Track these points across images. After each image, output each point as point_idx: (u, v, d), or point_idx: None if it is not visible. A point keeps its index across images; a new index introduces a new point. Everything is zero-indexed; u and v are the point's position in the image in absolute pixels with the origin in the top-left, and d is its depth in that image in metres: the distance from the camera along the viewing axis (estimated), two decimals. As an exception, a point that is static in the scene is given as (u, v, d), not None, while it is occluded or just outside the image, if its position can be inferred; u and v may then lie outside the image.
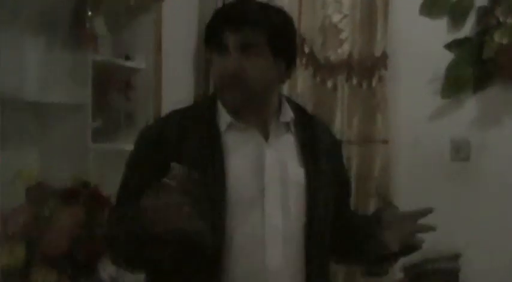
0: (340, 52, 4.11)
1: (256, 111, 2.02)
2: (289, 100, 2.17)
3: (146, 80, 3.70)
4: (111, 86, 3.58)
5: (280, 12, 2.05)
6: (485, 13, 3.86)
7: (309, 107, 4.05)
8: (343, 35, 4.11)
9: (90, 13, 3.43)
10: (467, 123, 3.98)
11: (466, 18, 3.94)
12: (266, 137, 2.02)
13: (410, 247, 2.08)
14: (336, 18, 4.12)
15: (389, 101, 4.07)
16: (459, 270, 3.50)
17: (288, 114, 2.07)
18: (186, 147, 1.94)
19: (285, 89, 4.09)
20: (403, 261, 3.45)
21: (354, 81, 4.08)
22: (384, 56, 4.05)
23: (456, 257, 3.50)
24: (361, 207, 3.96)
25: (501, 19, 3.77)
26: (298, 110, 2.15)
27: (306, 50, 4.12)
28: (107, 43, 3.55)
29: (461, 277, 3.55)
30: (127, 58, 3.62)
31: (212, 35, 1.98)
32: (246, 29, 1.92)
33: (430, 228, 2.08)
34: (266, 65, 1.96)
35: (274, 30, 1.96)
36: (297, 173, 2.04)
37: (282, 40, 1.99)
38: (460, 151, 3.98)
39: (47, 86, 3.29)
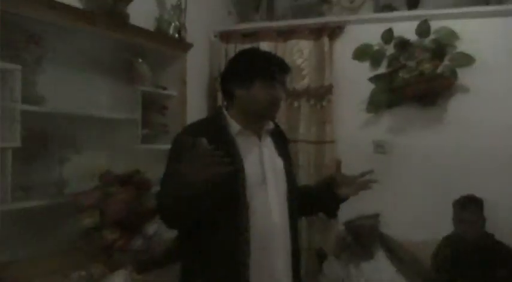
0: (302, 83, 4.19)
1: (257, 123, 2.17)
2: None
3: (176, 103, 3.77)
4: (153, 107, 3.65)
5: None
6: (393, 58, 3.96)
7: (283, 120, 4.19)
8: (304, 72, 4.19)
9: (140, 60, 3.52)
10: (384, 129, 4.08)
11: (381, 61, 4.03)
12: (259, 139, 2.17)
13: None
14: (299, 61, 4.19)
15: (334, 115, 4.14)
16: (379, 224, 3.58)
17: (270, 124, 2.24)
18: (213, 148, 1.93)
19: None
20: (344, 218, 3.62)
21: (311, 102, 4.16)
22: (330, 86, 4.12)
23: (377, 215, 3.59)
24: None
25: (404, 62, 3.86)
26: (273, 121, 2.30)
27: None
28: (150, 79, 3.62)
29: (380, 229, 3.63)
30: (164, 89, 3.69)
31: (274, 74, 2.11)
32: (287, 75, 2.17)
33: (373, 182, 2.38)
34: None
35: None
36: (279, 162, 2.20)
37: None
38: (380, 147, 4.06)
39: (112, 107, 3.39)
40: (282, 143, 2.30)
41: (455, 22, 3.86)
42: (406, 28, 3.93)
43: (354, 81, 4.10)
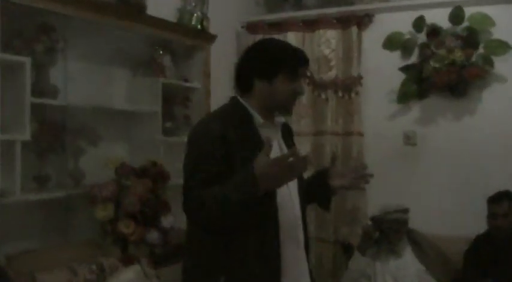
0: (330, 74, 4.08)
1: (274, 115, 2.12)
2: None
3: (199, 95, 3.73)
4: (176, 99, 3.62)
5: None
6: (424, 47, 3.80)
7: (310, 112, 4.10)
8: (331, 63, 4.08)
9: (161, 52, 3.49)
10: (414, 120, 3.94)
11: (412, 50, 3.89)
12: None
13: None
14: (326, 52, 4.08)
15: (362, 107, 4.03)
16: (408, 219, 3.44)
17: (281, 117, 2.15)
18: (239, 139, 1.93)
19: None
20: (371, 212, 3.52)
21: (339, 94, 4.05)
22: (359, 77, 4.01)
23: (406, 210, 3.43)
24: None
25: (434, 51, 3.70)
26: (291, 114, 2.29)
27: (308, 74, 4.11)
28: (173, 71, 3.59)
29: (410, 224, 3.49)
30: (186, 81, 3.65)
31: (299, 67, 2.03)
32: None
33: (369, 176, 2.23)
34: None
35: None
36: None
37: None
38: (410, 139, 3.93)
39: (132, 99, 3.37)
40: (288, 135, 2.22)
41: (490, 8, 3.68)
42: (438, 15, 3.78)
43: (383, 71, 3.97)
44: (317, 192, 2.22)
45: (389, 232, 3.38)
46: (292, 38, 4.14)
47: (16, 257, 2.53)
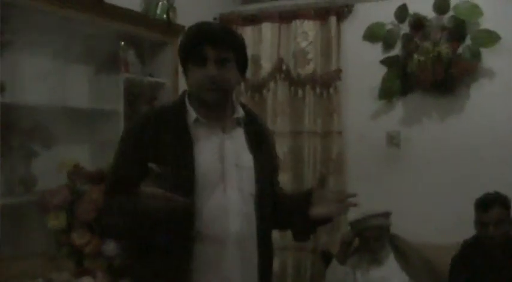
0: (307, 69, 3.94)
1: (218, 110, 1.91)
2: (241, 102, 2.10)
3: (167, 93, 3.59)
4: (141, 98, 3.48)
5: (241, 37, 1.99)
6: (407, 39, 3.67)
7: (286, 110, 3.97)
8: (309, 57, 3.94)
9: (122, 44, 3.34)
10: (398, 119, 3.82)
11: (395, 42, 3.76)
12: (223, 130, 1.92)
13: (327, 219, 1.96)
14: (303, 44, 3.94)
15: (342, 104, 3.91)
16: (390, 225, 3.32)
17: (240, 112, 1.97)
18: (162, 139, 1.83)
19: (269, 96, 3.99)
20: (350, 217, 3.38)
21: (317, 90, 3.92)
22: (338, 71, 3.88)
23: (387, 214, 3.31)
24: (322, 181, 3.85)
25: (419, 43, 3.58)
26: (246, 109, 2.05)
27: (284, 68, 3.99)
28: (138, 67, 3.45)
29: (392, 230, 3.37)
30: (151, 76, 3.50)
31: (194, 50, 1.85)
32: (223, 47, 1.83)
33: (353, 205, 1.94)
34: (234, 74, 1.89)
35: (239, 49, 1.90)
36: (247, 159, 1.93)
37: (242, 57, 1.93)
38: (393, 139, 3.81)
39: (93, 97, 3.23)
40: (258, 136, 2.02)
41: (477, -5, 3.58)
42: (422, 4, 3.66)
43: (364, 65, 3.85)
44: (294, 222, 1.99)
45: (370, 239, 3.25)
46: (267, 30, 4.03)
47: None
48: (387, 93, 3.76)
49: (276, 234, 3.57)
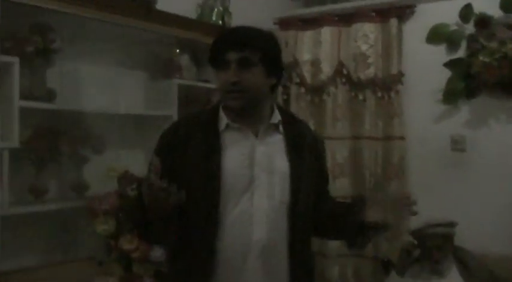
0: (368, 73, 3.79)
1: (249, 115, 1.85)
2: (280, 107, 2.00)
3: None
4: (196, 102, 3.45)
5: (271, 38, 1.89)
6: (472, 39, 3.46)
7: (347, 115, 3.84)
8: (369, 60, 3.79)
9: (178, 51, 3.33)
10: (462, 123, 3.60)
11: (459, 43, 3.55)
12: (256, 135, 1.85)
13: (384, 226, 1.84)
14: (364, 47, 3.80)
15: (404, 108, 3.73)
16: (454, 234, 3.13)
17: (277, 117, 1.90)
18: (192, 145, 1.80)
19: (329, 100, 3.88)
20: (413, 225, 3.23)
21: (378, 94, 3.76)
22: (400, 75, 3.71)
23: (451, 224, 3.13)
24: (383, 186, 3.72)
25: (484, 44, 3.37)
26: (287, 114, 1.99)
27: (344, 72, 3.86)
28: (193, 72, 3.44)
29: (456, 241, 3.17)
30: (206, 81, 3.47)
31: (217, 54, 1.82)
32: (244, 50, 1.77)
33: (413, 214, 1.88)
34: (258, 78, 1.80)
35: (266, 51, 1.81)
36: (282, 165, 1.85)
37: (271, 60, 1.84)
38: (458, 143, 3.59)
39: (147, 103, 3.23)
40: (299, 142, 1.93)
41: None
42: (487, 3, 3.44)
43: (427, 68, 3.66)
44: (346, 230, 1.90)
45: (432, 249, 3.08)
46: (327, 33, 3.91)
47: (10, 275, 2.42)
48: (451, 96, 3.56)
49: (335, 241, 3.51)
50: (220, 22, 3.48)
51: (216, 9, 3.47)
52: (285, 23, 4.10)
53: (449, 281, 3.07)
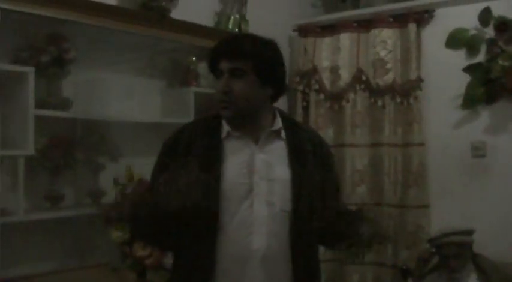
0: (387, 78, 3.77)
1: (248, 123, 1.83)
2: (283, 114, 1.97)
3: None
4: (211, 110, 3.46)
5: (269, 46, 1.85)
6: (492, 43, 3.42)
7: (366, 121, 3.82)
8: (388, 66, 3.77)
9: (194, 59, 3.36)
10: (483, 128, 3.54)
11: (479, 48, 3.50)
12: (257, 143, 1.84)
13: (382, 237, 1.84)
14: (382, 53, 3.78)
15: (423, 113, 3.69)
16: (472, 242, 3.08)
17: (278, 124, 1.88)
18: (194, 152, 1.80)
19: (348, 107, 3.86)
20: (433, 233, 3.20)
21: (397, 100, 3.72)
22: (419, 80, 3.67)
23: (469, 232, 3.08)
24: (402, 194, 3.68)
25: (503, 48, 3.33)
26: (291, 121, 1.97)
27: (363, 78, 3.84)
28: (210, 80, 3.45)
29: (476, 248, 3.12)
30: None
31: (213, 64, 1.83)
32: (236, 59, 1.76)
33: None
34: (250, 87, 1.78)
35: (260, 60, 1.79)
36: (283, 171, 1.83)
37: (267, 69, 1.80)
38: (478, 150, 3.54)
39: (164, 111, 3.26)
40: (303, 149, 1.90)
41: None
42: (507, 5, 3.40)
43: (446, 73, 3.61)
44: (345, 241, 1.89)
45: (449, 257, 3.04)
46: (345, 40, 3.90)
47: (26, 280, 2.47)
48: (471, 101, 3.51)
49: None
50: (237, 30, 3.50)
51: (232, 17, 3.49)
52: (304, 30, 4.10)
53: (469, 289, 3.03)
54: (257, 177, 1.79)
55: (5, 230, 2.35)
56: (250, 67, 1.77)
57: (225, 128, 1.85)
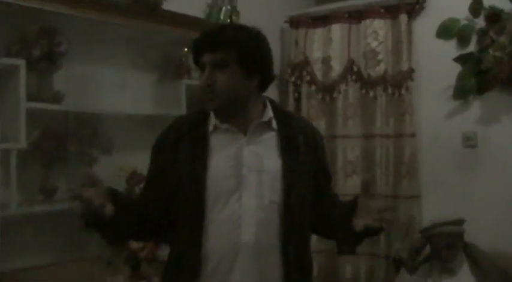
0: (378, 69, 3.78)
1: (235, 115, 1.81)
2: (274, 104, 1.93)
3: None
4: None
5: (252, 36, 1.82)
6: (482, 34, 3.44)
7: (358, 112, 3.83)
8: (379, 57, 3.78)
9: (186, 50, 3.35)
10: (474, 119, 3.57)
11: (470, 38, 3.52)
12: (245, 135, 1.82)
13: (374, 231, 1.82)
14: (374, 44, 3.79)
15: (415, 104, 3.71)
16: (463, 232, 3.11)
17: (267, 115, 1.85)
18: (182, 147, 1.80)
19: (340, 98, 3.87)
20: (424, 223, 3.23)
21: (389, 91, 3.74)
22: (410, 71, 3.69)
23: (459, 221, 3.11)
24: (394, 185, 3.70)
25: (494, 38, 3.35)
26: (282, 112, 1.93)
27: (355, 69, 3.85)
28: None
29: (467, 238, 3.15)
30: (217, 82, 3.49)
31: (196, 56, 1.82)
32: (217, 50, 1.74)
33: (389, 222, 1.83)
34: (234, 79, 1.76)
35: (243, 50, 1.76)
36: (274, 162, 1.81)
37: (251, 58, 1.77)
38: (470, 140, 3.57)
39: (155, 104, 3.26)
40: (294, 140, 1.87)
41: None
42: (498, -5, 3.42)
43: (437, 64, 3.64)
44: (337, 233, 1.89)
45: (441, 247, 3.07)
46: (336, 31, 3.91)
47: (18, 273, 2.46)
48: (462, 92, 3.53)
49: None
50: (229, 21, 3.49)
51: (224, 9, 3.48)
52: (296, 21, 4.10)
53: (461, 279, 3.06)
54: (246, 170, 1.77)
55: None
56: (232, 58, 1.74)
57: (212, 121, 1.83)
